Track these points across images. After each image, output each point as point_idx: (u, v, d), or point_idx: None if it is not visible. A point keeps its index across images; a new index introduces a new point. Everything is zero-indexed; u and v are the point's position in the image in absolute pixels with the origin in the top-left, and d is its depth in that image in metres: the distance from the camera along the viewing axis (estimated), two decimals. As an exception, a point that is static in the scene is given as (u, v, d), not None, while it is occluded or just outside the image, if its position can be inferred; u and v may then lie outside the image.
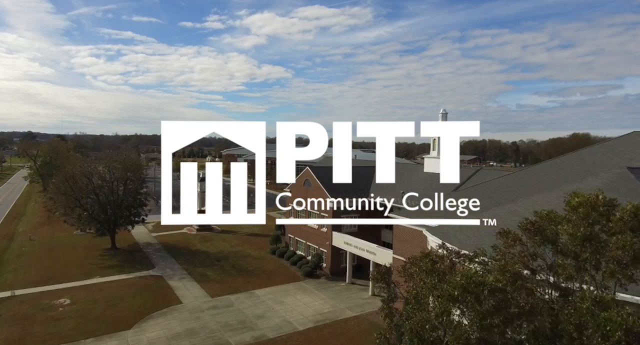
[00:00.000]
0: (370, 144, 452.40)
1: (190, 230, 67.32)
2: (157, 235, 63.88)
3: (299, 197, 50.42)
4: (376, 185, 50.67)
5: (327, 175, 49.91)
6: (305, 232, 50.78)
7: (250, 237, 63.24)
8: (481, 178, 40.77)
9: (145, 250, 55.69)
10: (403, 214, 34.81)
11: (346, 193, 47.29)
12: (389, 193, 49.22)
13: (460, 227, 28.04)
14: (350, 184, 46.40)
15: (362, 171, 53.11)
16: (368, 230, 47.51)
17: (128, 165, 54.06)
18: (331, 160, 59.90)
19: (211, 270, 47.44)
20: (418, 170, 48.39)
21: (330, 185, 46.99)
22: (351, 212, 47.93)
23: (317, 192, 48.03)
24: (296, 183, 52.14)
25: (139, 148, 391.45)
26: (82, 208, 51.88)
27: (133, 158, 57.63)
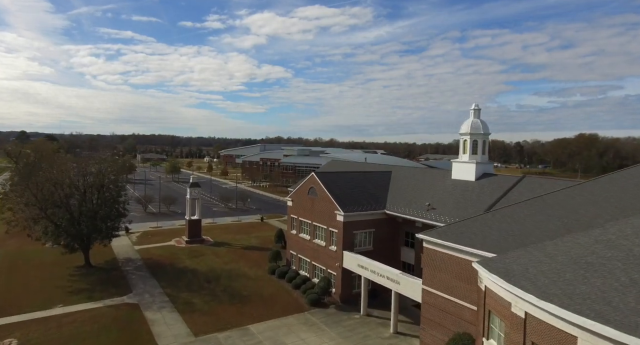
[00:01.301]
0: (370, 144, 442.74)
1: (179, 243, 59.65)
2: (141, 249, 56.19)
3: (303, 208, 42.97)
4: (394, 193, 43.10)
5: (337, 183, 42.39)
6: (310, 249, 43.17)
7: (246, 252, 55.57)
8: (528, 189, 33.19)
9: (124, 268, 48.01)
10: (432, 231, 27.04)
11: (359, 204, 39.76)
12: (411, 205, 41.61)
13: (528, 257, 20.52)
14: (363, 193, 38.75)
15: (376, 177, 45.61)
16: (385, 248, 40.03)
17: (103, 171, 46.40)
18: (338, 164, 52.14)
19: (199, 295, 39.78)
20: (444, 177, 40.79)
21: (341, 195, 39.41)
22: (365, 226, 40.51)
23: (325, 203, 40.44)
24: (299, 191, 44.55)
25: (136, 148, 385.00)
26: (48, 220, 44.24)
27: (110, 161, 49.83)
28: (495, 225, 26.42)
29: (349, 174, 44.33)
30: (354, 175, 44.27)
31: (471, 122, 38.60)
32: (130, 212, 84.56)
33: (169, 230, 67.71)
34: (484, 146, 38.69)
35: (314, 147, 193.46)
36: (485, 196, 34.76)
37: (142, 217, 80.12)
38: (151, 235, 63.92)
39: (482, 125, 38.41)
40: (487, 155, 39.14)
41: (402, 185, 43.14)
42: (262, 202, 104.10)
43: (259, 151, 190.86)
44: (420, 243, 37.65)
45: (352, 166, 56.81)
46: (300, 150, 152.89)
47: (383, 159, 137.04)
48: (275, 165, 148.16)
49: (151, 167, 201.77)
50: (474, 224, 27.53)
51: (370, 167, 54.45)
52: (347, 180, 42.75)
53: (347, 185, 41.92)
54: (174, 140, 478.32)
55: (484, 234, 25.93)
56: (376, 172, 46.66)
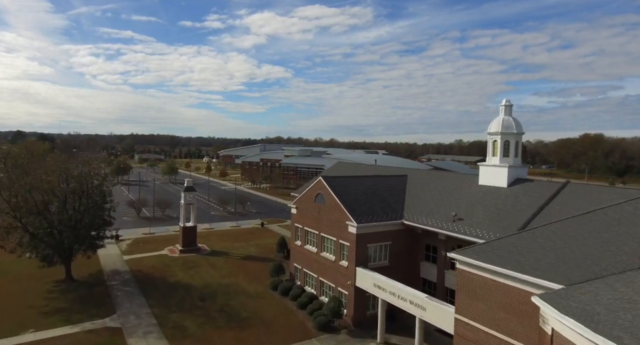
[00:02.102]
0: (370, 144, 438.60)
1: (173, 252, 54.84)
2: (131, 259, 51.36)
3: (309, 216, 38.15)
4: (412, 201, 38.27)
5: (347, 189, 37.58)
6: (318, 263, 38.39)
7: (245, 262, 50.76)
8: (574, 198, 28.42)
9: (110, 282, 43.21)
10: (468, 250, 22.16)
11: (374, 213, 34.94)
12: (432, 214, 36.72)
13: (612, 294, 15.79)
14: (378, 201, 33.89)
15: (391, 182, 40.82)
16: (402, 263, 35.28)
17: (85, 175, 41.59)
18: (345, 166, 47.39)
19: (191, 317, 34.99)
20: (470, 183, 35.99)
21: (353, 203, 34.59)
22: (381, 239, 35.67)
23: (335, 212, 35.64)
24: (305, 197, 39.75)
25: (135, 148, 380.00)
26: (23, 229, 39.47)
27: (93, 164, 44.92)
28: (549, 245, 21.65)
29: (360, 179, 39.53)
30: (365, 180, 39.47)
31: (502, 120, 33.82)
32: (123, 216, 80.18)
33: (162, 238, 62.88)
34: (516, 147, 33.92)
35: (315, 148, 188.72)
36: (522, 206, 29.96)
37: (135, 222, 75.33)
38: (143, 243, 59.11)
39: (515, 124, 33.64)
40: (520, 157, 34.29)
41: (420, 192, 38.35)
42: (262, 205, 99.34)
43: (259, 151, 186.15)
44: (443, 258, 32.97)
45: (361, 169, 52.04)
46: (301, 151, 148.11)
47: (386, 160, 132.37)
48: (276, 166, 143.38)
49: (148, 167, 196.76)
50: (520, 242, 22.76)
51: (381, 170, 49.68)
52: (359, 186, 37.97)
53: (359, 191, 37.14)
54: (173, 140, 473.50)
55: (536, 256, 21.15)
56: (390, 176, 41.85)
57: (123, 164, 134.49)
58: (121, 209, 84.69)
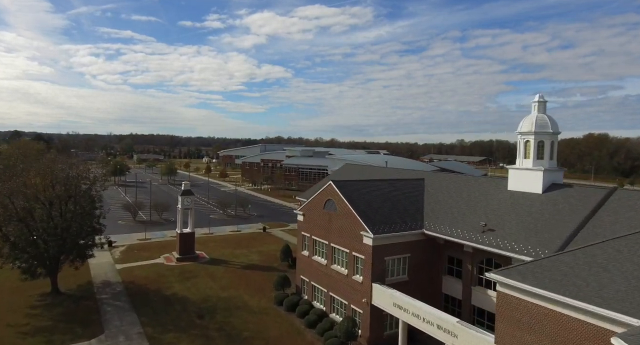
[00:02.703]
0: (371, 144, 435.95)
1: (169, 260, 51.21)
2: (124, 268, 47.76)
3: (318, 224, 34.54)
4: (432, 208, 34.60)
5: (361, 194, 33.97)
6: (328, 276, 34.77)
7: (247, 272, 47.12)
8: (626, 207, 24.82)
9: (100, 295, 39.60)
10: (511, 270, 18.58)
11: (391, 222, 31.35)
12: (457, 223, 33.06)
13: None
14: (394, 208, 30.23)
15: (407, 187, 37.22)
16: (422, 277, 31.75)
17: (72, 178, 37.96)
18: (353, 169, 43.75)
19: (187, 338, 31.39)
20: (497, 188, 32.39)
21: (368, 210, 30.98)
22: (399, 251, 32.05)
23: (347, 221, 32.01)
24: (313, 203, 36.15)
25: (134, 148, 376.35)
26: (3, 238, 35.88)
27: (81, 166, 41.13)
28: (612, 267, 18.06)
29: (373, 183, 35.93)
30: (379, 185, 35.87)
31: (536, 118, 30.22)
32: (118, 220, 76.62)
33: (158, 244, 59.25)
34: (552, 149, 30.34)
35: (317, 148, 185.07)
36: (563, 215, 26.36)
37: (130, 226, 71.70)
38: (137, 250, 55.48)
39: (551, 122, 30.05)
40: (556, 160, 30.66)
41: (441, 197, 34.75)
42: (263, 207, 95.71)
43: (259, 152, 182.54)
44: (469, 273, 29.40)
45: (371, 171, 48.48)
46: (303, 151, 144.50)
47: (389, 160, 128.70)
48: (277, 166, 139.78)
49: (146, 168, 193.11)
50: (576, 262, 19.16)
51: (394, 173, 46.09)
52: (373, 191, 34.37)
53: (374, 197, 33.55)
54: (172, 140, 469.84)
55: (600, 281, 17.56)
56: (405, 180, 38.24)
57: (120, 165, 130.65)
58: (116, 212, 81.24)
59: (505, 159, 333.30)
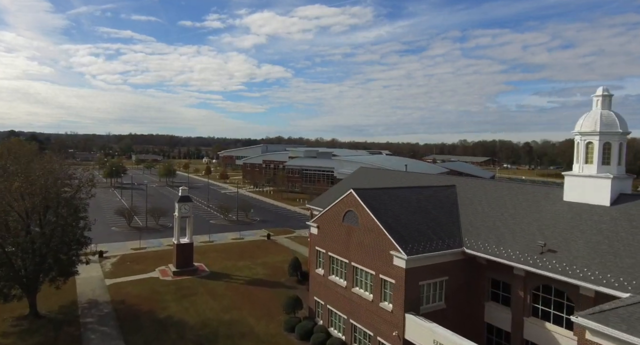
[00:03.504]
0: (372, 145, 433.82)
1: (165, 274, 46.25)
2: (114, 284, 42.82)
3: (335, 239, 29.33)
4: (470, 221, 29.46)
5: (387, 205, 29.04)
6: (348, 301, 29.80)
7: (251, 289, 42.15)
8: None
9: (84, 319, 34.62)
10: (607, 315, 14.15)
11: (426, 239, 25.99)
12: (504, 241, 26.47)
13: None
14: (427, 221, 24.87)
15: (437, 195, 32.28)
16: (461, 303, 26.80)
17: (51, 185, 32.91)
18: (369, 173, 38.27)
19: (183, 376, 26.46)
20: (551, 198, 27.44)
21: (397, 225, 26.02)
22: (436, 273, 26.97)
23: (373, 237, 27.04)
24: (329, 214, 31.20)
25: (133, 148, 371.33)
26: (-30, 256, 30.96)
27: (58, 171, 35.89)
28: None
29: (399, 192, 30.97)
30: (406, 193, 30.93)
31: (600, 115, 25.38)
32: (112, 226, 71.70)
33: (153, 254, 54.28)
34: (620, 152, 25.40)
35: (321, 148, 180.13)
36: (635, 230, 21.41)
37: (125, 233, 66.72)
38: (130, 262, 50.52)
39: (619, 120, 25.19)
40: (624, 166, 25.71)
41: (480, 209, 29.83)
42: (266, 212, 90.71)
43: (260, 152, 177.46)
44: (521, 300, 24.45)
45: (388, 176, 43.60)
46: (307, 152, 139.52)
47: (392, 161, 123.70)
48: (280, 168, 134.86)
49: (145, 169, 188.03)
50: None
51: (413, 177, 41.15)
52: (400, 201, 29.45)
53: (402, 208, 28.62)
54: (172, 140, 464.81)
55: None
56: (434, 187, 33.29)
57: (116, 166, 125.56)
58: (110, 218, 76.35)
59: (509, 160, 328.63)
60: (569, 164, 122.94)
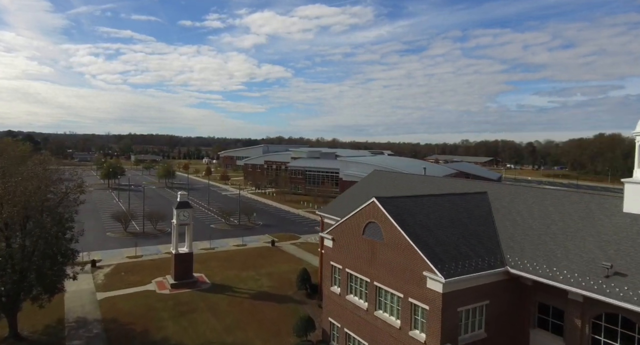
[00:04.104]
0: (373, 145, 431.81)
1: (162, 287, 42.52)
2: (106, 298, 39.10)
3: (355, 255, 25.76)
4: (511, 234, 24.96)
5: (415, 215, 25.29)
6: (370, 326, 26.03)
7: (257, 305, 38.39)
8: None
9: (71, 342, 30.88)
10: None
11: (463, 257, 21.87)
12: (554, 259, 20.49)
13: None
14: (462, 234, 21.32)
15: (468, 203, 28.54)
16: (504, 331, 23.05)
17: (31, 192, 29.11)
18: (385, 177, 34.29)
19: None
20: (605, 208, 23.71)
21: (430, 240, 22.29)
22: (476, 297, 22.93)
23: (401, 254, 23.33)
24: (346, 226, 27.49)
25: (132, 148, 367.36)
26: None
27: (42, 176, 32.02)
28: None
29: (427, 200, 27.25)
30: (436, 202, 27.22)
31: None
32: (107, 231, 67.95)
33: (150, 263, 50.55)
34: (694, 156, 21.63)
35: (324, 149, 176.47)
36: None
37: (121, 239, 62.98)
38: (125, 272, 46.81)
39: (694, 119, 21.38)
40: (698, 172, 21.96)
41: (519, 219, 26.11)
42: (269, 215, 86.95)
43: (262, 153, 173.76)
44: (578, 330, 20.71)
45: (406, 180, 39.86)
46: (310, 152, 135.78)
47: (396, 161, 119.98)
48: (282, 169, 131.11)
49: (143, 169, 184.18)
50: None
51: (435, 182, 37.44)
52: (429, 211, 25.74)
53: (433, 220, 24.90)
54: (172, 140, 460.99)
55: None
56: (464, 194, 29.57)
57: (113, 167, 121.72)
58: (106, 222, 72.65)
59: (512, 160, 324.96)
60: (572, 164, 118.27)
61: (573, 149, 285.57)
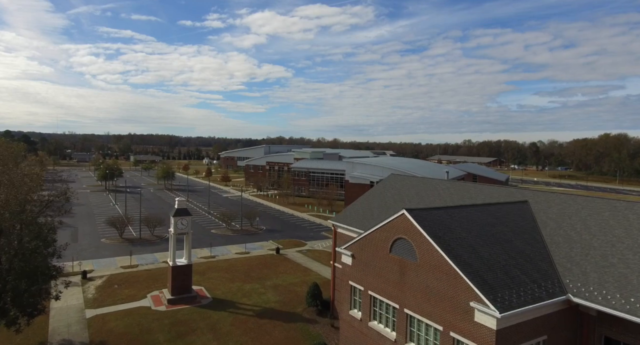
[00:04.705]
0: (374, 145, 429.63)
1: (158, 302, 38.69)
2: (96, 317, 35.26)
3: (380, 275, 22.06)
4: (564, 253, 20.85)
5: (454, 231, 21.29)
6: (398, 359, 22.19)
7: (263, 324, 34.54)
8: None
9: (52, 371, 27.14)
10: None
11: (515, 282, 17.93)
12: (627, 284, 18.32)
13: None
14: (507, 253, 17.66)
15: (507, 215, 24.68)
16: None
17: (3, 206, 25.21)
18: (407, 182, 31.09)
19: None
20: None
21: (475, 262, 18.38)
22: (534, 331, 19.10)
23: (439, 277, 19.52)
24: (369, 240, 23.69)
25: (132, 148, 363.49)
26: None
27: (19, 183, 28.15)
28: None
29: (464, 211, 23.42)
30: (474, 214, 23.38)
31: None
32: (101, 237, 64.18)
33: (146, 274, 46.74)
34: None
35: (328, 149, 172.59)
36: None
37: (115, 246, 59.15)
38: (118, 285, 43.00)
39: None
40: None
41: (574, 235, 22.28)
42: (272, 219, 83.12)
43: (263, 153, 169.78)
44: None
45: (428, 185, 35.94)
46: (313, 153, 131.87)
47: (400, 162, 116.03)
48: (285, 170, 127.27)
49: (142, 170, 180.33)
50: None
51: (463, 189, 33.55)
52: (469, 225, 21.91)
53: (475, 236, 21.08)
54: (172, 140, 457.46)
55: None
56: (501, 204, 25.72)
57: (110, 169, 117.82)
58: (100, 227, 68.84)
59: (515, 160, 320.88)
60: (577, 165, 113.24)
61: (578, 149, 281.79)
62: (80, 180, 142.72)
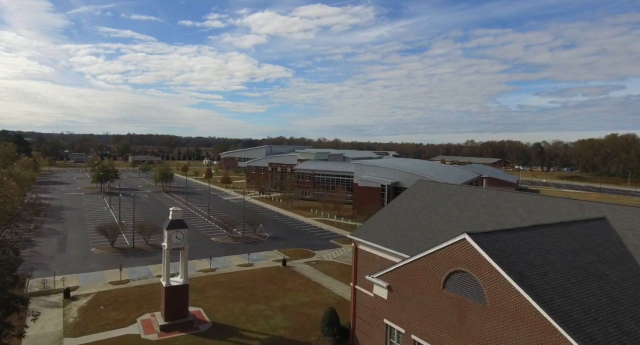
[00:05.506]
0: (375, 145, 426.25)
1: (148, 328, 33.39)
2: (75, 347, 30.01)
3: (429, 317, 16.91)
4: None
5: (531, 262, 14.68)
6: None
7: (272, 359, 29.25)
8: None
9: None
10: None
11: (620, 330, 13.06)
12: None
13: None
14: (603, 290, 12.55)
15: (591, 237, 19.12)
16: None
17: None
18: (431, 188, 26.37)
19: None
20: None
21: (572, 307, 12.75)
22: None
23: (518, 328, 14.05)
24: (412, 270, 18.30)
25: (131, 148, 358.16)
26: None
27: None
28: None
29: (536, 234, 18.17)
30: (549, 235, 18.14)
31: None
32: (91, 246, 58.95)
33: (138, 291, 41.47)
34: None
35: (332, 150, 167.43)
36: None
37: (106, 256, 53.85)
38: (105, 305, 37.70)
39: None
40: None
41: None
42: (276, 224, 77.81)
43: (265, 154, 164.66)
44: None
45: (465, 195, 30.68)
46: (318, 154, 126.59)
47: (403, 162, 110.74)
48: (288, 172, 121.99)
49: (140, 171, 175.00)
50: None
51: (499, 197, 28.23)
52: (549, 253, 16.68)
53: (561, 270, 15.83)
54: (172, 140, 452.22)
55: None
56: (575, 223, 20.46)
57: (105, 170, 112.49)
58: (91, 235, 63.55)
59: (519, 161, 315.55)
60: (584, 165, 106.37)
61: (584, 150, 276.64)
62: (75, 182, 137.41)
